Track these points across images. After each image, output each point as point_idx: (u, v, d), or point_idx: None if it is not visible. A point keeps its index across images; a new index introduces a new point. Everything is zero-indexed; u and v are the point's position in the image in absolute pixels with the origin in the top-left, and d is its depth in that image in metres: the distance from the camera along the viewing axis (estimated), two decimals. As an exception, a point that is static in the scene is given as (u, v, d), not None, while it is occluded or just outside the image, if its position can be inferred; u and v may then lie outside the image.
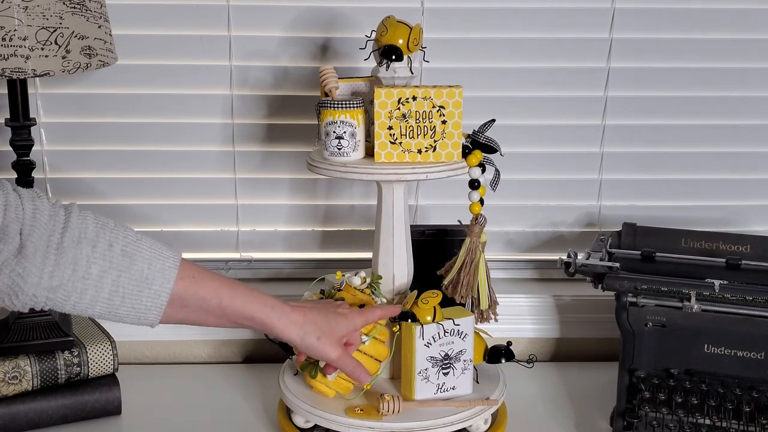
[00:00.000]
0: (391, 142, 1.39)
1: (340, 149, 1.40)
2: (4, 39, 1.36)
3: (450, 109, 1.38)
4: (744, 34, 1.74)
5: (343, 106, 1.38)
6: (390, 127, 1.38)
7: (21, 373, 1.47)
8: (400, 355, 1.43)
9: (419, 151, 1.39)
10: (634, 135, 1.77)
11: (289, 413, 1.48)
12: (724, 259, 1.52)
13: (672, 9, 1.72)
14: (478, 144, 1.42)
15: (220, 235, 1.79)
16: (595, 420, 1.53)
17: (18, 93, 1.51)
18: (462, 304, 1.45)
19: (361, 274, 1.47)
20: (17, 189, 1.14)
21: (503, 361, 1.47)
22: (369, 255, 1.51)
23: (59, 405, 1.48)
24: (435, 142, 1.39)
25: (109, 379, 1.53)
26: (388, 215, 1.45)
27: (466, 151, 1.41)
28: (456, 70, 1.70)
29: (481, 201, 1.43)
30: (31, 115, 1.54)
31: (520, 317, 1.77)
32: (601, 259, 1.52)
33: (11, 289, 1.10)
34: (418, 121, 1.38)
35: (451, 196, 1.69)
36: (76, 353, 1.50)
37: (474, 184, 1.42)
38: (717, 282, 1.44)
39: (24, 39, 1.37)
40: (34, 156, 1.56)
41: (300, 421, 1.45)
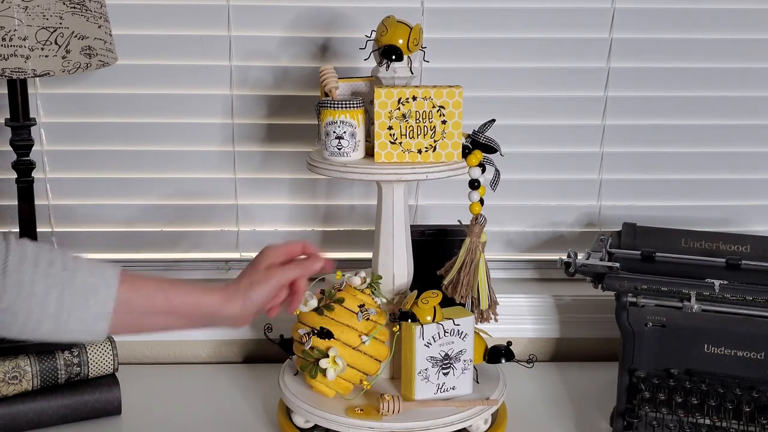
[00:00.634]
0: (391, 142, 1.39)
1: (340, 149, 1.40)
2: (4, 39, 1.36)
3: (450, 109, 1.38)
4: (744, 34, 1.74)
5: (343, 106, 1.38)
6: (390, 127, 1.38)
7: (21, 373, 1.47)
8: (400, 355, 1.43)
9: (419, 151, 1.39)
10: (634, 135, 1.77)
11: (289, 413, 1.48)
12: (724, 259, 1.52)
13: (672, 9, 1.72)
14: (478, 144, 1.42)
15: (220, 235, 1.79)
16: (595, 420, 1.53)
17: (18, 93, 1.51)
18: (462, 304, 1.45)
19: (361, 274, 1.47)
20: None
21: (503, 361, 1.47)
22: (369, 255, 1.51)
23: (59, 405, 1.48)
24: (435, 142, 1.39)
25: (109, 379, 1.53)
26: (388, 215, 1.45)
27: (466, 151, 1.41)
28: (456, 70, 1.70)
29: (481, 201, 1.43)
30: (31, 115, 1.54)
31: (520, 317, 1.77)
32: (601, 259, 1.52)
33: None
34: (418, 121, 1.38)
35: (451, 196, 1.69)
36: (76, 353, 1.50)
37: (474, 184, 1.42)
38: (717, 282, 1.44)
39: (24, 39, 1.37)
40: (34, 156, 1.56)
41: (300, 421, 1.45)
